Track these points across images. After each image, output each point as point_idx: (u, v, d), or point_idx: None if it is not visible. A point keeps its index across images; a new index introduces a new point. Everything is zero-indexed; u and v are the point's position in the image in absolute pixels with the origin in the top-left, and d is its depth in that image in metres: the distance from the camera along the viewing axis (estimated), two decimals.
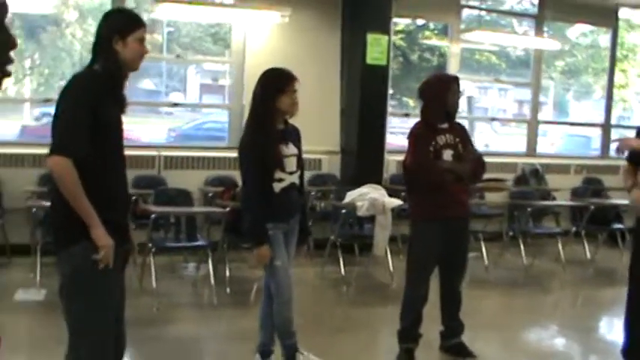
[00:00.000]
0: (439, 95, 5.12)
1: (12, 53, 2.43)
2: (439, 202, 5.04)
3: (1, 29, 1.74)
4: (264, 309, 4.86)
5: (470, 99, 16.62)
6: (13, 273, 7.35)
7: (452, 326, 5.45)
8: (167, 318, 6.19)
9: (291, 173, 4.60)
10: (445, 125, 5.15)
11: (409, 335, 5.24)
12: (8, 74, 2.90)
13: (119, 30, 3.31)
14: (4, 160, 7.80)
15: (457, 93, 5.20)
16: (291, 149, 4.62)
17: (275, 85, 4.55)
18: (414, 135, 5.19)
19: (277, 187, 4.54)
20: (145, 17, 3.52)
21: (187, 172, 8.32)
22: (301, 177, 4.78)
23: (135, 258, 3.58)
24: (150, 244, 6.69)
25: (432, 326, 5.38)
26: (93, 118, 3.12)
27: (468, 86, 14.50)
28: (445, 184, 5.03)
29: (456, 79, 5.29)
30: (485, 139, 16.41)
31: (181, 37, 14.39)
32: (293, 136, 4.70)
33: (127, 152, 7.74)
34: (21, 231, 7.31)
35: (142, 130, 12.42)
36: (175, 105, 9.52)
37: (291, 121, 4.73)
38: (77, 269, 3.16)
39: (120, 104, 3.35)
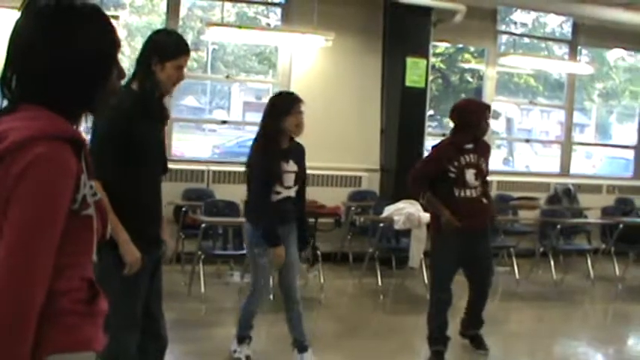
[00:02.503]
0: (472, 122, 5.54)
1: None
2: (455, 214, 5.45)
3: (117, 63, 1.99)
4: (287, 312, 5.30)
5: (509, 120, 16.89)
6: None
7: (473, 319, 5.92)
8: (213, 321, 6.67)
9: (288, 188, 5.06)
10: (470, 145, 5.57)
11: (438, 339, 5.64)
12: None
13: (160, 53, 3.43)
14: None
15: (488, 120, 5.66)
16: (291, 166, 5.06)
17: (282, 106, 5.02)
18: (436, 150, 5.76)
19: (274, 197, 5.02)
20: (192, 38, 3.78)
21: (234, 186, 8.75)
22: (302, 191, 5.21)
23: (167, 259, 3.99)
24: (199, 252, 7.18)
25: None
26: (125, 136, 3.29)
27: (506, 108, 14.83)
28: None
29: (488, 108, 5.77)
30: (525, 160, 16.65)
31: (226, 55, 14.78)
32: (295, 154, 5.13)
33: (178, 166, 8.29)
34: None
35: (187, 146, 12.89)
36: (224, 122, 9.99)
37: (330, 139, 5.22)
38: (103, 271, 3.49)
39: (157, 120, 3.54)
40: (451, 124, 5.77)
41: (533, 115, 21.60)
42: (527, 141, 14.04)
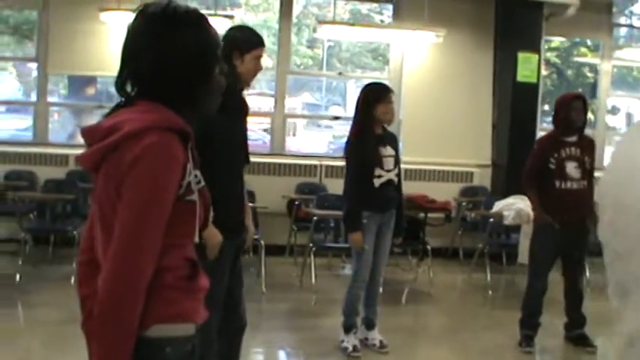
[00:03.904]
0: (563, 112, 5.70)
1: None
2: (551, 213, 5.63)
3: (219, 60, 2.13)
4: (367, 291, 5.55)
5: (629, 116, 16.42)
6: None
7: (574, 318, 5.96)
8: (323, 311, 6.85)
9: (388, 171, 5.32)
10: (573, 139, 5.68)
11: (529, 323, 5.84)
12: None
13: (239, 47, 3.64)
14: None
15: (580, 110, 5.70)
16: (388, 150, 5.36)
17: (374, 95, 5.30)
18: (538, 143, 6.02)
19: (377, 182, 5.29)
20: (307, 36, 3.96)
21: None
22: (398, 176, 5.46)
23: (249, 245, 4.22)
24: (311, 245, 7.40)
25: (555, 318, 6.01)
26: (203, 131, 3.54)
27: (625, 103, 14.42)
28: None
29: (578, 97, 5.84)
30: None
31: (341, 52, 14.95)
32: (390, 140, 5.45)
33: (292, 161, 8.49)
34: None
35: (304, 141, 13.12)
36: (336, 118, 10.16)
37: (442, 134, 5.39)
38: None
39: (237, 113, 3.74)
40: None
41: None
42: None
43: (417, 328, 6.82)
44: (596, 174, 5.74)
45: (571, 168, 5.62)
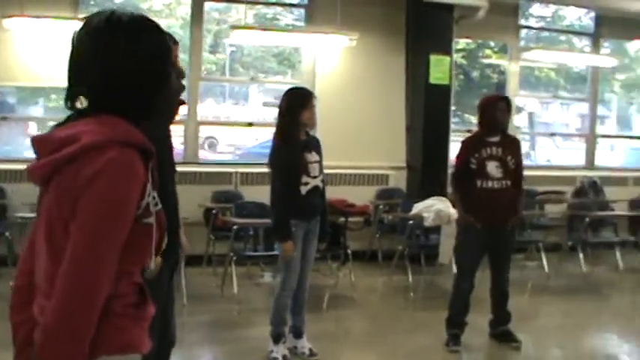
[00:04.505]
0: (487, 113, 5.79)
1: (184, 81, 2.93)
2: (474, 212, 5.73)
3: (173, 64, 2.09)
4: (294, 299, 5.49)
5: (531, 115, 16.84)
6: None
7: (499, 316, 6.07)
8: (248, 322, 6.73)
9: (314, 177, 5.30)
10: (495, 138, 5.77)
11: (456, 322, 5.92)
12: (183, 102, 3.41)
13: None
14: None
15: (505, 111, 5.81)
16: (314, 156, 5.33)
17: (299, 101, 5.27)
18: (462, 145, 5.97)
19: (304, 189, 5.24)
20: (210, 41, 3.84)
21: (261, 187, 8.73)
22: (323, 182, 5.44)
23: (182, 260, 4.07)
24: (231, 254, 7.26)
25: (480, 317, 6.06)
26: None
27: (528, 102, 14.79)
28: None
29: (503, 99, 5.94)
30: (547, 153, 16.61)
31: (244, 56, 14.84)
32: (315, 145, 5.41)
33: (205, 169, 8.35)
34: None
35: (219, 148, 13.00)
36: (250, 125, 10.04)
37: (356, 138, 5.38)
38: None
39: (165, 120, 3.56)
40: (473, 120, 6.00)
41: (553, 108, 21.52)
42: (552, 135, 14.01)
43: (342, 334, 6.77)
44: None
45: (492, 167, 5.71)
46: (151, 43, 1.93)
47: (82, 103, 1.92)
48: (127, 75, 1.87)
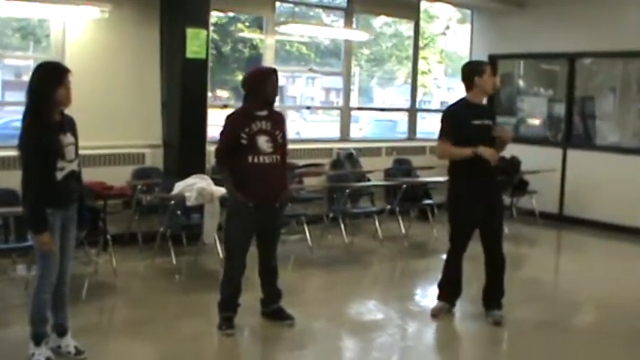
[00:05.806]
0: (258, 86, 5.66)
1: None
2: (245, 189, 5.60)
3: None
4: (55, 294, 5.02)
5: (281, 89, 17.06)
6: None
7: (270, 293, 6.02)
8: (2, 321, 6.00)
9: (70, 161, 4.85)
10: (264, 112, 5.65)
11: (229, 305, 5.79)
12: None
13: None
14: None
15: (275, 84, 5.74)
16: (69, 138, 4.85)
17: (53, 77, 4.76)
18: (227, 120, 5.76)
19: (59, 175, 4.77)
20: None
21: (9, 172, 7.98)
22: (79, 165, 5.02)
23: None
24: None
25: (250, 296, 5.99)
26: None
27: (281, 77, 14.94)
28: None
29: (274, 71, 5.84)
30: (297, 126, 16.92)
31: None
32: (70, 126, 4.93)
33: None
34: None
35: None
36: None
37: (110, 115, 4.96)
38: None
39: None
40: (227, 95, 5.82)
41: (300, 82, 22.05)
42: (308, 108, 14.24)
43: (108, 325, 6.39)
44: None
45: (262, 142, 5.58)
46: None
47: None
48: None
